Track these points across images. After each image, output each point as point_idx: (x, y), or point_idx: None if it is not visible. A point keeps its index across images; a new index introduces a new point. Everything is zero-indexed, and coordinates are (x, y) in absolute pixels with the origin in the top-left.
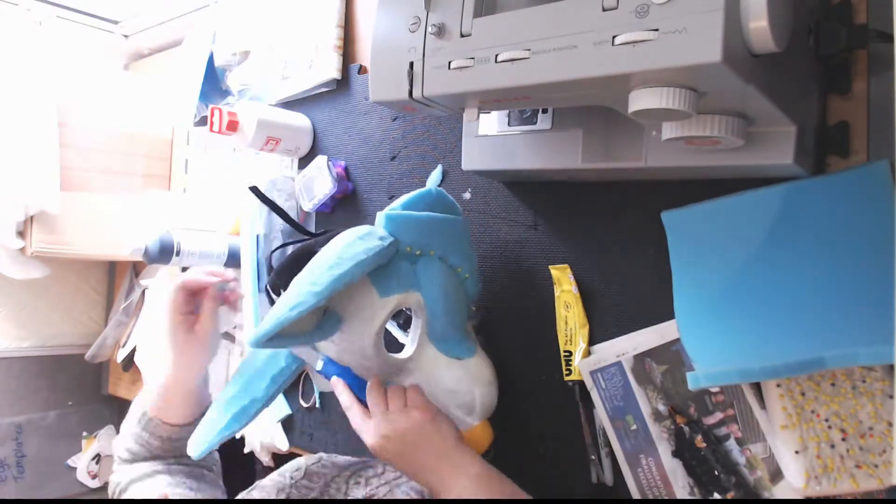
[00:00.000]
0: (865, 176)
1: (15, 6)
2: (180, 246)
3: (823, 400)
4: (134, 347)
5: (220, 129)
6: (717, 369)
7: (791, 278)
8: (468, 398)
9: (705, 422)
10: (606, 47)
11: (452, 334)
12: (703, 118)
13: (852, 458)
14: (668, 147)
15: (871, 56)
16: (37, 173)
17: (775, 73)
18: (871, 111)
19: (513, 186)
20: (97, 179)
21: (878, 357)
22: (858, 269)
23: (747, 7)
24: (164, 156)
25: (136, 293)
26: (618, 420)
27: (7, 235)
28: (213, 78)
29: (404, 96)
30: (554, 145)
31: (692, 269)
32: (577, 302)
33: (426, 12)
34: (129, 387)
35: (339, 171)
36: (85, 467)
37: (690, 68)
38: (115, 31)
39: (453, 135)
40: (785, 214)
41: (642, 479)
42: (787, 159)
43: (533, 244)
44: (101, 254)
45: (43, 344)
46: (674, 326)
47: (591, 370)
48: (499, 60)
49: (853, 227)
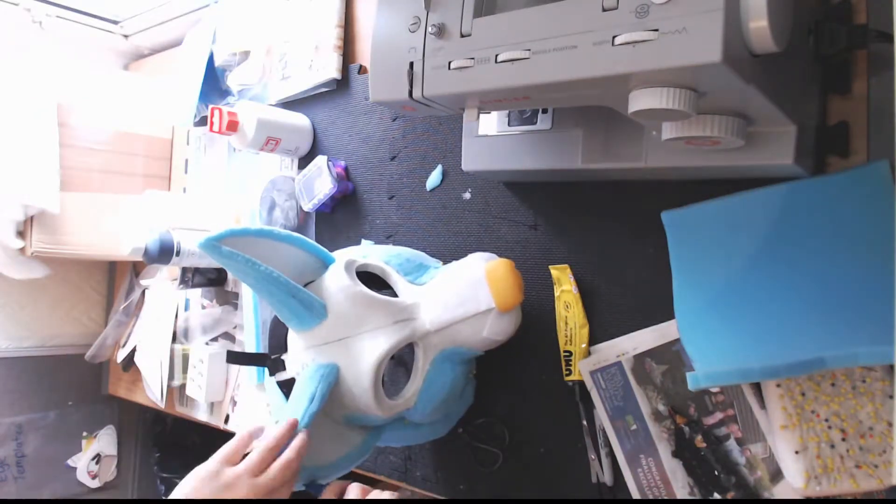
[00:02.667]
0: (865, 176)
1: (15, 6)
2: (180, 246)
3: (823, 400)
4: (134, 347)
5: (220, 129)
6: (717, 369)
7: (791, 278)
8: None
9: (705, 422)
10: (606, 47)
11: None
12: (703, 118)
13: (852, 458)
14: (668, 147)
15: (871, 56)
16: (37, 173)
17: (775, 73)
18: (871, 111)
19: (513, 186)
20: (97, 179)
21: (878, 357)
22: (858, 269)
23: (747, 7)
24: (164, 156)
25: (136, 293)
26: (618, 420)
27: (7, 235)
28: (213, 78)
29: (404, 96)
30: (554, 145)
31: (692, 269)
32: (577, 302)
33: (426, 12)
34: (129, 387)
35: (339, 171)
36: (85, 467)
37: (690, 68)
38: (115, 31)
39: (453, 135)
40: (785, 214)
41: (642, 479)
42: (787, 159)
43: (533, 244)
44: (101, 254)
45: (43, 344)
46: (674, 326)
47: (591, 370)
48: (499, 61)
49: (853, 227)
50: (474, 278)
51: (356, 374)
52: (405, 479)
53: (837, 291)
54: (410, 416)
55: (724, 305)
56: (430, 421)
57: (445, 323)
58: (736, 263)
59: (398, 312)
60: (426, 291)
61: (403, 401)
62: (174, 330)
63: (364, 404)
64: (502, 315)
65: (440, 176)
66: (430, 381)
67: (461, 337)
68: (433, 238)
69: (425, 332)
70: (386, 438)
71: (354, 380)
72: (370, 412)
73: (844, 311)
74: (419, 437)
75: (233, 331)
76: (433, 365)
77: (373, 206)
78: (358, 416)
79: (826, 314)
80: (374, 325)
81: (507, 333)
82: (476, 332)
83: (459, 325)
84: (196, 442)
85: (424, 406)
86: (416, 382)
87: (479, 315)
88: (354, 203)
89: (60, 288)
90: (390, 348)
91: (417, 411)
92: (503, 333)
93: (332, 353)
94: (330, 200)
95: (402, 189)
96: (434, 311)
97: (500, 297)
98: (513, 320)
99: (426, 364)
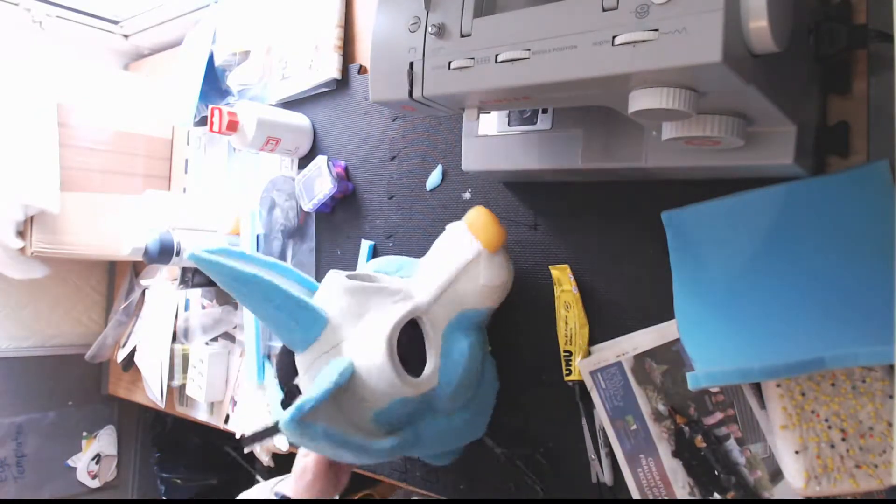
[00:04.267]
0: (865, 176)
1: (15, 6)
2: (180, 246)
3: (823, 400)
4: (134, 347)
5: (220, 129)
6: (717, 369)
7: (791, 278)
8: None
9: (705, 422)
10: (606, 47)
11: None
12: (703, 118)
13: (852, 458)
14: (668, 147)
15: (871, 56)
16: (37, 173)
17: (775, 73)
18: (871, 111)
19: (513, 186)
20: (97, 179)
21: (878, 357)
22: (858, 269)
23: (747, 7)
24: (164, 156)
25: (136, 293)
26: (618, 420)
27: (7, 235)
28: (213, 78)
29: (404, 96)
30: (554, 145)
31: (692, 269)
32: (577, 302)
33: (426, 12)
34: (129, 387)
35: (339, 171)
36: (85, 467)
37: (690, 68)
38: (115, 31)
39: (453, 135)
40: (785, 214)
41: (642, 479)
42: (787, 159)
43: (533, 244)
44: (101, 254)
45: (43, 344)
46: (674, 326)
47: (591, 370)
48: (499, 61)
49: (853, 227)
50: (456, 233)
51: (371, 360)
52: (405, 479)
53: (837, 291)
54: (439, 399)
55: (724, 305)
56: (461, 405)
57: (442, 286)
58: (736, 263)
59: (394, 293)
60: (417, 275)
61: (426, 378)
62: (174, 330)
63: (388, 383)
64: (492, 257)
65: (440, 176)
66: (446, 356)
67: (461, 294)
68: (433, 238)
69: (427, 304)
70: (424, 441)
71: (371, 366)
72: (395, 392)
73: (844, 311)
74: (457, 434)
75: (233, 331)
76: (445, 339)
77: (373, 206)
78: (386, 410)
79: (826, 314)
80: (374, 310)
81: (503, 278)
82: (473, 283)
83: (456, 285)
84: (196, 442)
85: (448, 381)
86: (434, 360)
87: (470, 264)
88: (354, 203)
89: (60, 288)
90: (397, 322)
91: (443, 391)
92: (499, 277)
93: (341, 353)
94: (330, 200)
95: (402, 189)
96: (428, 281)
97: (484, 236)
98: (504, 263)
99: (438, 339)
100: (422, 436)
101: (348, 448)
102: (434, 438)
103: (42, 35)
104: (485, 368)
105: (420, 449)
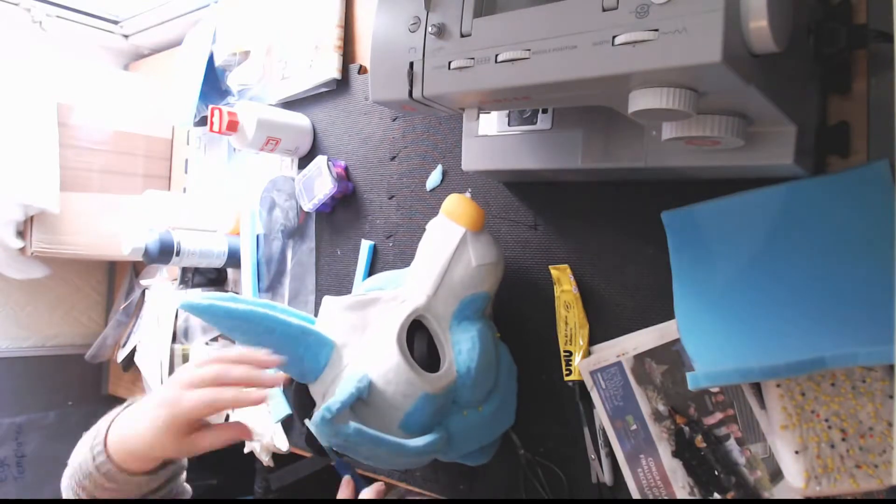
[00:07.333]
0: (865, 176)
1: (15, 6)
2: (180, 246)
3: (823, 400)
4: (134, 347)
5: (220, 129)
6: (717, 369)
7: (791, 278)
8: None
9: (705, 422)
10: (606, 47)
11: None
12: (703, 118)
13: (852, 458)
14: (668, 147)
15: (871, 56)
16: (37, 173)
17: (775, 73)
18: (871, 111)
19: (513, 186)
20: (97, 179)
21: (878, 357)
22: (858, 269)
23: (747, 7)
24: (164, 156)
25: (136, 293)
26: (618, 420)
27: (7, 235)
28: (213, 78)
29: (404, 96)
30: (554, 145)
31: (692, 269)
32: (577, 302)
33: (426, 12)
34: (129, 387)
35: (339, 171)
36: None
37: (690, 68)
38: (115, 31)
39: (453, 135)
40: (785, 214)
41: (642, 479)
42: (787, 159)
43: (533, 244)
44: (101, 254)
45: (43, 344)
46: (674, 326)
47: (591, 370)
48: (499, 60)
49: (853, 226)
50: (436, 225)
51: (385, 365)
52: (405, 479)
53: (837, 291)
54: (463, 392)
55: (724, 305)
56: (485, 394)
57: (437, 279)
58: (736, 263)
59: (392, 299)
60: (410, 279)
61: (444, 372)
62: (174, 330)
63: (407, 382)
64: (478, 236)
65: (440, 176)
66: (458, 347)
67: (457, 282)
68: None
69: (426, 301)
70: (457, 440)
71: (387, 370)
72: (416, 391)
73: (844, 311)
74: (488, 426)
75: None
76: (453, 331)
77: (373, 206)
78: (411, 413)
79: (826, 314)
80: (376, 319)
81: (494, 254)
82: (466, 267)
83: (451, 274)
84: None
85: (467, 371)
86: (448, 354)
87: (458, 249)
88: (354, 203)
89: (60, 288)
90: (402, 323)
91: (464, 381)
92: (490, 254)
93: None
94: (330, 200)
95: (402, 189)
96: (422, 279)
97: (464, 218)
98: (491, 241)
99: (446, 332)
100: (454, 435)
101: (384, 446)
102: (467, 435)
103: (42, 35)
104: (500, 353)
105: (455, 449)
